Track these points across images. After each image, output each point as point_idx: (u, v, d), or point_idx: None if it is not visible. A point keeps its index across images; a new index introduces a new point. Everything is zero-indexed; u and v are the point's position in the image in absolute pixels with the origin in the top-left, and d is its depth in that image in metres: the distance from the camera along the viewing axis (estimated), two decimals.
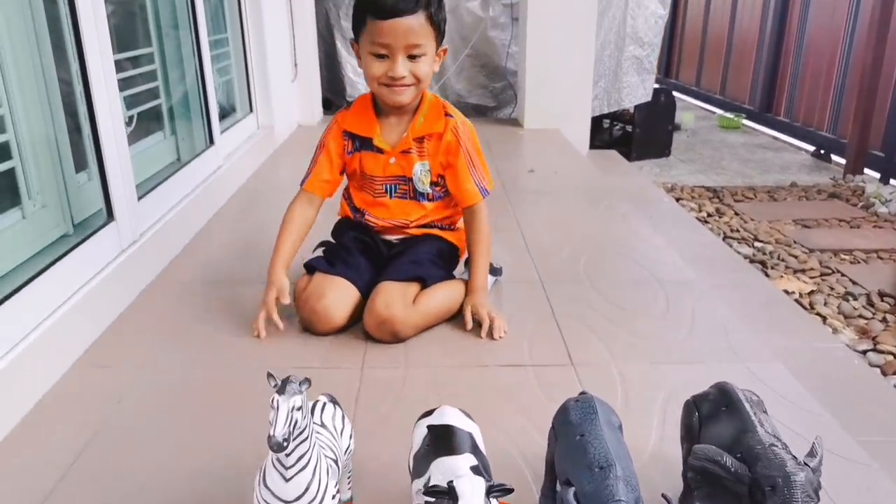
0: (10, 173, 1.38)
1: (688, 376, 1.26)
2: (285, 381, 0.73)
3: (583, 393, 0.91)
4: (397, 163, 1.52)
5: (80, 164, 1.62)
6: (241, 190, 2.49)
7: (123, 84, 1.86)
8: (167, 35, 2.18)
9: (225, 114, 2.71)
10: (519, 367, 1.33)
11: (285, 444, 0.71)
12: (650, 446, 1.09)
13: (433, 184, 1.54)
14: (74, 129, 1.59)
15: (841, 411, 1.24)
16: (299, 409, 0.73)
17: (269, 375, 0.75)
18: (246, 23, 2.87)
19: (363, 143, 1.53)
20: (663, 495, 0.75)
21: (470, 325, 1.46)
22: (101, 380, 1.28)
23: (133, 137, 1.93)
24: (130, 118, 1.93)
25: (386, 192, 1.55)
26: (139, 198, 1.72)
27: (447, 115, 1.52)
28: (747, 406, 0.83)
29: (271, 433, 0.71)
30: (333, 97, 4.18)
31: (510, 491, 0.74)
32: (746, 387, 0.91)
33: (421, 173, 1.52)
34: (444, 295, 1.49)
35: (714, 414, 0.86)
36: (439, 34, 1.43)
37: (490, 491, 0.73)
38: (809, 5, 5.22)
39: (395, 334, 1.40)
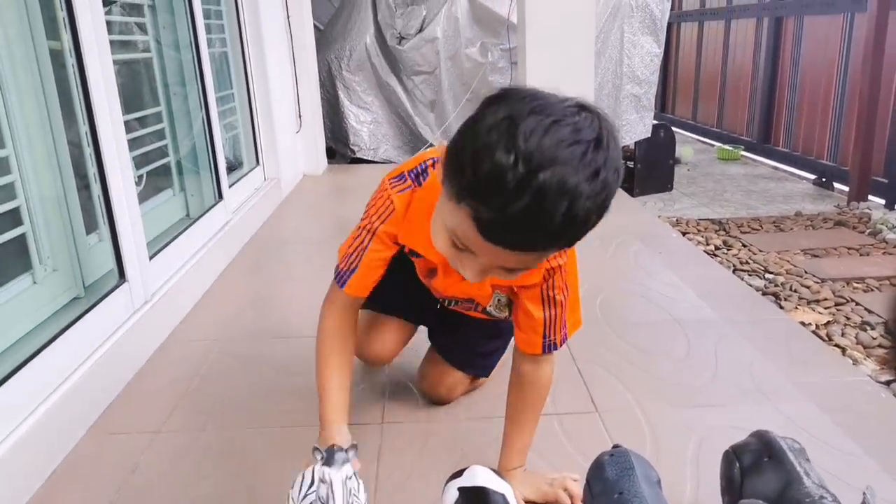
0: (21, 238, 1.37)
1: (718, 420, 1.23)
2: (331, 452, 0.70)
3: (616, 446, 0.88)
4: (466, 288, 1.10)
5: (91, 226, 1.61)
6: (250, 242, 2.49)
7: (133, 144, 1.87)
8: (175, 93, 2.20)
9: (232, 167, 2.73)
10: (542, 416, 1.29)
11: None
12: (686, 497, 1.05)
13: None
14: (84, 191, 1.59)
15: (876, 449, 1.20)
16: (352, 477, 0.70)
17: (315, 449, 0.71)
18: (251, 77, 2.90)
19: (427, 260, 1.08)
20: None
21: None
22: (115, 447, 1.26)
23: (143, 196, 1.93)
24: (140, 177, 1.94)
25: (447, 303, 1.24)
26: (150, 257, 1.71)
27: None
28: (791, 456, 0.81)
29: None
30: (337, 147, 4.22)
31: None
32: (780, 429, 0.89)
33: (496, 305, 1.15)
34: None
35: (756, 465, 0.83)
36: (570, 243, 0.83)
37: None
38: (802, 36, 5.30)
39: (449, 402, 1.38)
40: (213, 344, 1.66)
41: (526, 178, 0.69)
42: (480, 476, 0.83)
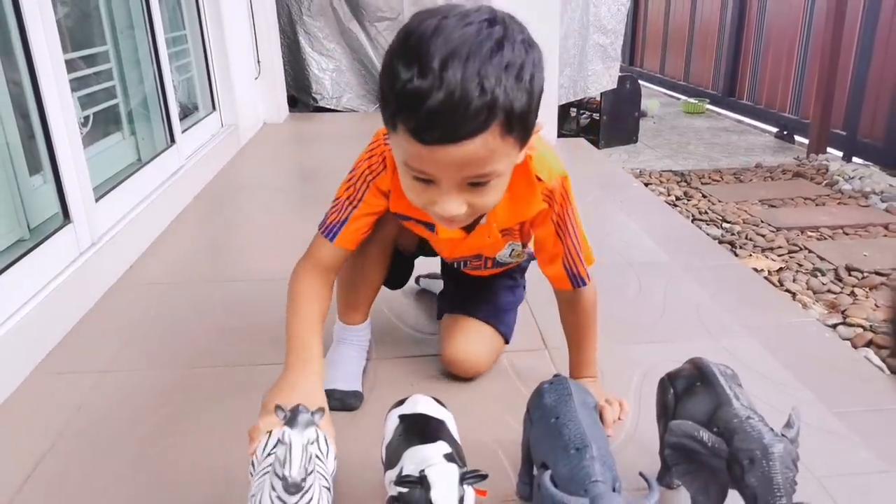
0: None
1: (662, 355, 1.26)
2: (295, 413, 0.67)
3: (557, 375, 0.89)
4: (472, 244, 1.13)
5: (34, 167, 1.56)
6: (205, 189, 2.44)
7: (77, 84, 1.80)
8: (122, 33, 2.12)
9: (187, 112, 2.66)
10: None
11: (303, 483, 0.65)
12: (627, 426, 1.08)
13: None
14: (26, 131, 1.53)
15: (816, 384, 1.25)
16: (314, 442, 0.67)
17: (278, 408, 0.68)
18: (204, 19, 2.81)
19: (419, 220, 1.09)
20: (640, 474, 0.74)
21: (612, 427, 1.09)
22: (61, 386, 1.24)
23: (90, 139, 1.87)
24: (86, 119, 1.87)
25: (456, 265, 1.26)
26: (97, 199, 1.67)
27: (541, 178, 1.02)
28: (722, 380, 0.83)
29: (286, 473, 0.64)
30: (299, 95, 4.12)
31: (484, 477, 0.73)
32: (720, 362, 0.91)
33: (510, 255, 1.18)
34: None
35: (689, 390, 0.85)
36: (525, 130, 0.84)
37: (463, 478, 0.71)
38: None
39: (478, 369, 1.25)
40: (164, 287, 1.63)
41: (430, 75, 0.74)
42: (422, 403, 0.85)
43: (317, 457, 0.79)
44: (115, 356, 1.34)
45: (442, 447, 0.76)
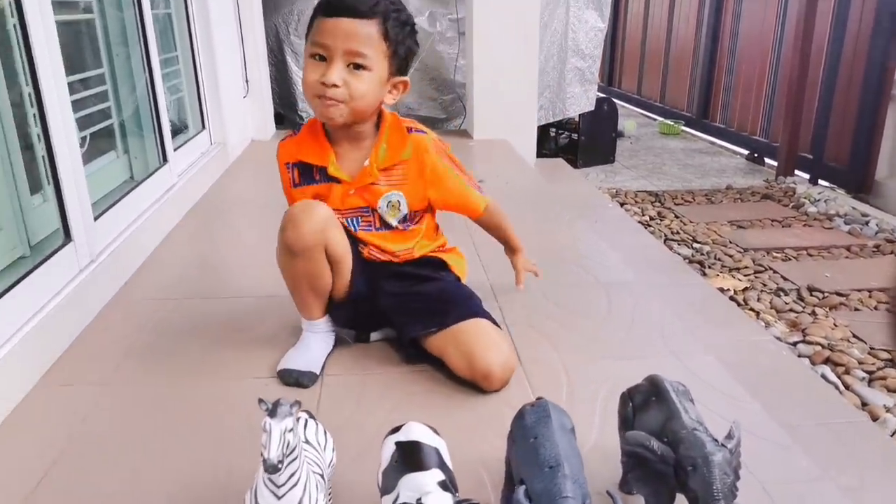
0: None
1: (627, 371, 1.34)
2: (276, 405, 0.78)
3: (539, 398, 0.98)
4: (358, 194, 1.37)
5: (35, 187, 1.63)
6: (196, 206, 2.51)
7: (76, 105, 1.88)
8: (117, 55, 2.20)
9: (177, 131, 2.73)
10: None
11: (280, 465, 0.76)
12: (592, 438, 1.18)
13: (406, 218, 1.41)
14: (28, 151, 1.60)
15: (769, 399, 1.36)
16: (291, 430, 0.77)
17: (260, 401, 0.79)
18: (195, 40, 2.89)
19: (313, 173, 1.37)
20: (608, 493, 0.82)
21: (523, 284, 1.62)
22: (65, 398, 1.31)
23: (86, 157, 1.94)
24: (83, 139, 1.95)
25: (349, 224, 1.40)
26: (95, 217, 1.74)
27: (411, 130, 1.37)
28: (673, 395, 0.93)
29: (266, 456, 0.75)
30: (286, 112, 4.21)
31: None
32: (678, 379, 1.01)
33: (388, 207, 1.38)
34: None
35: (645, 403, 0.96)
36: (395, 57, 1.28)
37: None
38: (741, 16, 5.48)
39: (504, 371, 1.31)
40: (160, 303, 1.71)
41: None
42: (416, 431, 0.90)
43: (309, 444, 0.91)
44: (116, 368, 1.42)
45: (436, 475, 0.82)
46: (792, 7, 4.72)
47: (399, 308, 1.42)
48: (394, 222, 1.40)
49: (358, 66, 1.24)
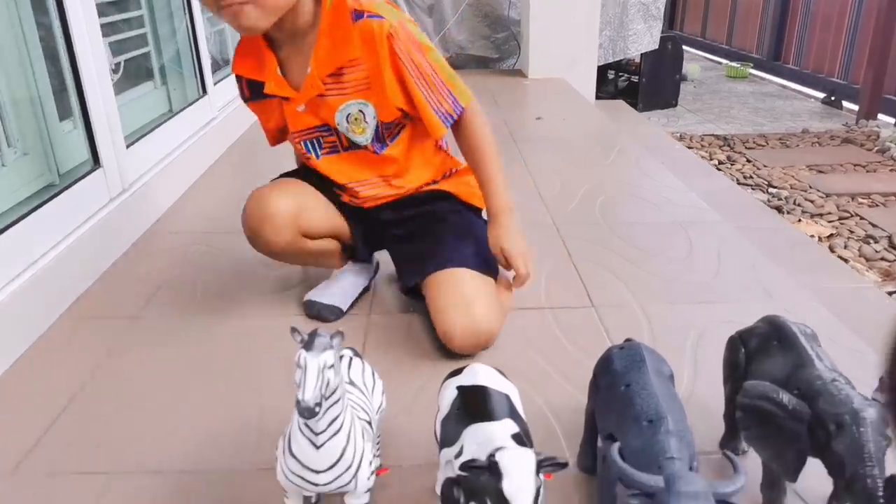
0: None
1: (719, 316, 1.18)
2: (313, 336, 0.62)
3: (628, 340, 0.82)
4: (310, 111, 1.11)
5: (65, 113, 1.52)
6: (237, 141, 2.39)
7: (109, 30, 1.75)
8: None
9: (219, 65, 2.59)
10: (536, 310, 1.24)
11: (317, 409, 0.61)
12: (682, 389, 1.01)
13: (380, 135, 1.12)
14: (56, 76, 1.48)
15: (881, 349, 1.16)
16: (331, 367, 0.62)
17: (294, 330, 0.64)
18: None
19: (263, 87, 1.12)
20: (725, 454, 0.66)
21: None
22: (91, 331, 1.21)
23: (121, 87, 1.82)
24: (117, 65, 1.82)
25: (309, 151, 1.16)
26: (127, 146, 1.62)
27: (361, 15, 1.03)
28: (803, 339, 0.75)
29: (300, 397, 0.60)
30: None
31: (564, 465, 0.61)
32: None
33: (348, 122, 1.11)
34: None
35: (764, 349, 0.78)
36: None
37: (541, 465, 0.60)
38: None
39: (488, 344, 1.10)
40: (196, 236, 1.59)
41: None
42: (482, 374, 0.75)
43: (354, 385, 0.75)
44: (146, 303, 1.30)
45: (508, 426, 0.67)
46: None
47: (396, 254, 1.28)
48: (363, 140, 1.12)
49: None
